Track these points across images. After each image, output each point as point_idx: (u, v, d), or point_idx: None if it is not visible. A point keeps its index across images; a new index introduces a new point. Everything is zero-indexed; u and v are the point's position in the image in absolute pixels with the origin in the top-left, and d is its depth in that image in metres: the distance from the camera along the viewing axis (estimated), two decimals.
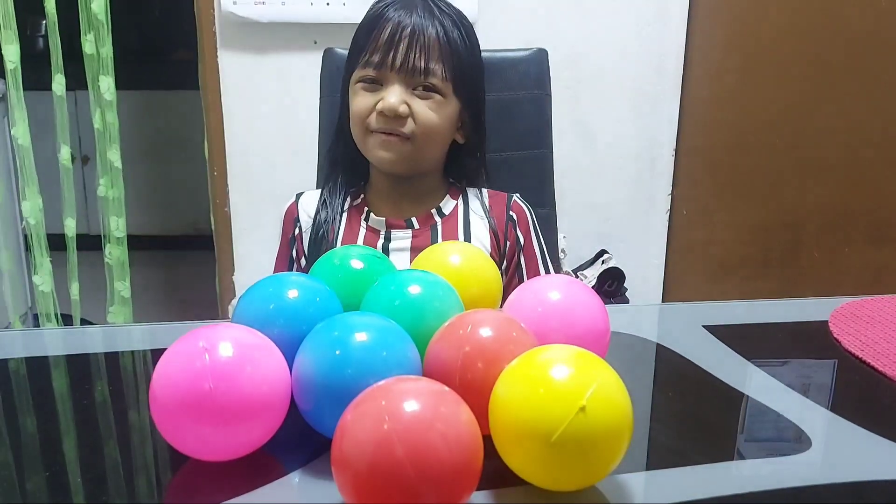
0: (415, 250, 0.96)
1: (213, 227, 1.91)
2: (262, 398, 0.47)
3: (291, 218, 1.03)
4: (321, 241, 0.97)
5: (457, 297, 0.60)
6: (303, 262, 1.01)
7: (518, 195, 1.03)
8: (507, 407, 0.45)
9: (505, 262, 0.99)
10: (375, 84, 0.93)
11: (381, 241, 0.97)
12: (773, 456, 0.53)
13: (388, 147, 0.92)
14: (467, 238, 0.98)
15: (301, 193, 1.05)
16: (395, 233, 0.98)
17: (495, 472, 0.47)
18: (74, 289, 1.93)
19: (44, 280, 1.88)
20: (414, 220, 0.98)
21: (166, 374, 0.47)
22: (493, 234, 0.98)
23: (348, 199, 1.01)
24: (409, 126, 0.92)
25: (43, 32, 3.22)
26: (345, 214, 1.00)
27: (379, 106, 0.91)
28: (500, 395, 0.46)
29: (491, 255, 0.97)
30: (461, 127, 0.98)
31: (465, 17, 0.96)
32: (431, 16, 0.92)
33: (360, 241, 0.98)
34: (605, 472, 0.45)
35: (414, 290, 0.58)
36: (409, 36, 0.90)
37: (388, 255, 0.96)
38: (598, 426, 0.43)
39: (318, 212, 1.00)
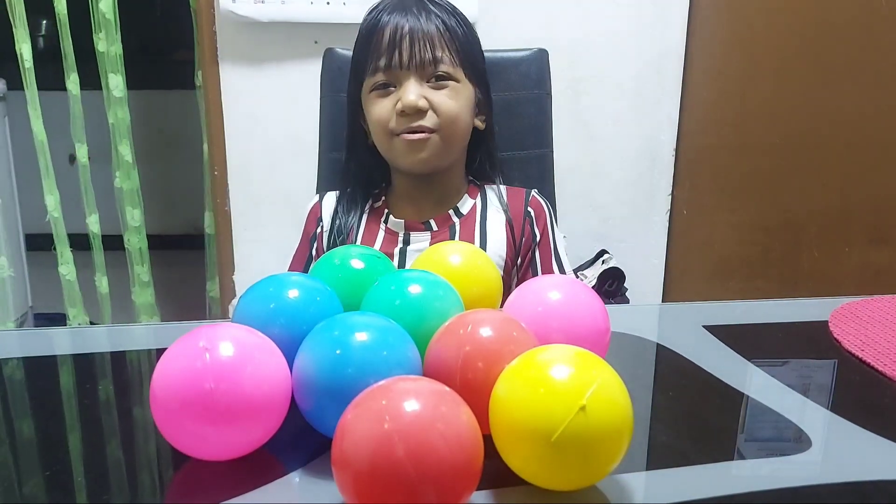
0: None
1: (213, 227, 1.92)
2: (263, 398, 0.47)
3: (315, 217, 1.03)
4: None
5: (457, 296, 0.60)
6: None
7: (536, 190, 1.03)
8: (507, 407, 0.45)
9: (520, 258, 1.00)
10: (388, 87, 0.93)
11: (399, 245, 0.98)
12: (773, 456, 0.53)
13: (416, 148, 0.93)
14: (483, 237, 0.98)
15: (324, 194, 1.05)
16: (413, 235, 0.98)
17: (495, 472, 0.47)
18: (103, 283, 1.99)
19: (69, 270, 1.94)
20: (432, 222, 0.99)
21: (167, 373, 0.47)
22: (510, 227, 0.99)
23: (368, 201, 1.02)
24: (430, 119, 0.92)
25: (43, 32, 3.22)
26: (364, 216, 1.01)
27: (398, 106, 0.92)
28: (500, 395, 0.46)
29: (507, 251, 0.98)
30: (478, 112, 0.99)
31: (457, 8, 0.98)
32: (427, 12, 0.93)
33: (379, 243, 0.98)
34: (605, 472, 0.45)
35: (414, 289, 0.58)
36: (409, 32, 0.91)
37: (406, 258, 0.97)
38: (598, 426, 0.43)
39: (333, 220, 1.00)
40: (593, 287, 1.72)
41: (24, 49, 1.74)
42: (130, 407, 0.62)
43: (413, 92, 0.91)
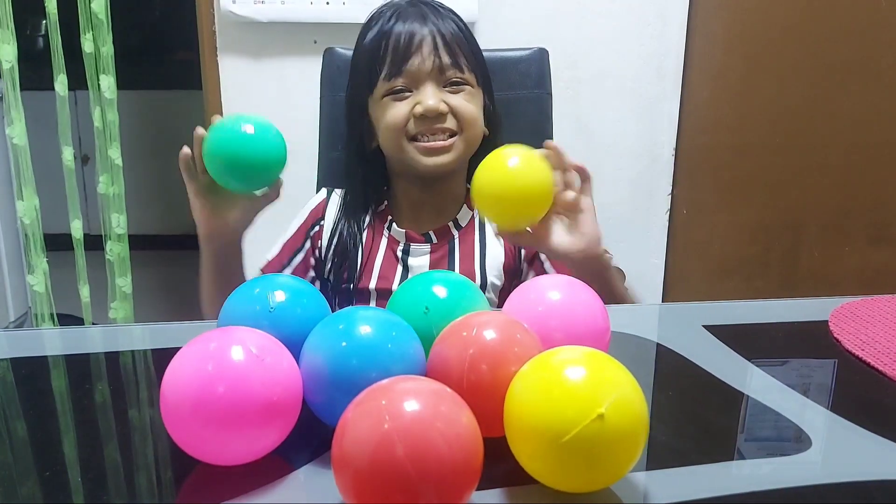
0: (433, 265, 0.97)
1: None
2: (275, 401, 0.47)
3: (317, 214, 1.03)
4: (343, 257, 0.98)
5: (483, 298, 0.60)
6: (311, 260, 1.01)
7: None
8: (523, 409, 0.45)
9: (525, 263, 1.00)
10: (405, 92, 0.92)
11: (400, 251, 0.98)
12: (773, 456, 0.53)
13: (435, 153, 0.93)
14: (483, 250, 0.99)
15: (332, 191, 1.04)
16: (413, 247, 0.98)
17: (502, 473, 0.47)
18: (85, 291, 1.93)
19: (38, 280, 1.87)
20: (432, 234, 0.99)
21: (177, 377, 0.46)
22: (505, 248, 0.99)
23: (371, 207, 1.02)
24: (451, 122, 0.92)
25: (43, 32, 3.22)
26: (368, 218, 1.01)
27: (418, 110, 0.91)
28: (516, 396, 0.45)
29: (505, 261, 0.98)
30: (485, 119, 0.99)
31: (458, 14, 0.98)
32: (440, 17, 0.93)
33: (382, 249, 0.99)
34: (617, 477, 0.45)
35: (440, 292, 0.58)
36: (428, 36, 0.91)
37: (406, 267, 0.97)
38: (615, 435, 0.42)
39: (337, 223, 1.00)
40: None
41: (8, 50, 1.70)
42: (131, 407, 0.62)
43: (433, 97, 0.91)
